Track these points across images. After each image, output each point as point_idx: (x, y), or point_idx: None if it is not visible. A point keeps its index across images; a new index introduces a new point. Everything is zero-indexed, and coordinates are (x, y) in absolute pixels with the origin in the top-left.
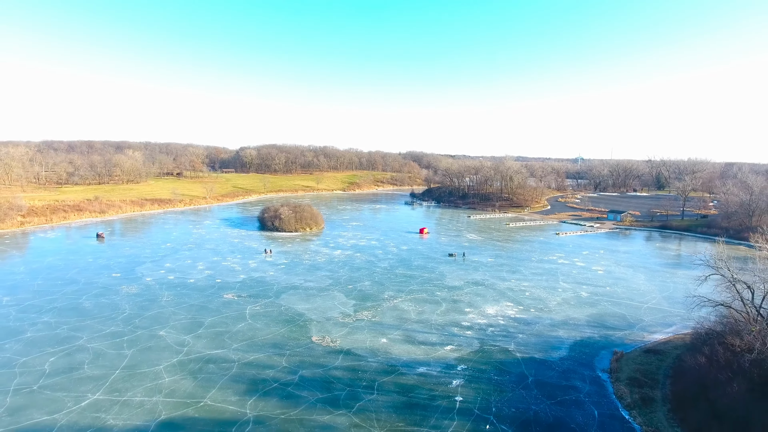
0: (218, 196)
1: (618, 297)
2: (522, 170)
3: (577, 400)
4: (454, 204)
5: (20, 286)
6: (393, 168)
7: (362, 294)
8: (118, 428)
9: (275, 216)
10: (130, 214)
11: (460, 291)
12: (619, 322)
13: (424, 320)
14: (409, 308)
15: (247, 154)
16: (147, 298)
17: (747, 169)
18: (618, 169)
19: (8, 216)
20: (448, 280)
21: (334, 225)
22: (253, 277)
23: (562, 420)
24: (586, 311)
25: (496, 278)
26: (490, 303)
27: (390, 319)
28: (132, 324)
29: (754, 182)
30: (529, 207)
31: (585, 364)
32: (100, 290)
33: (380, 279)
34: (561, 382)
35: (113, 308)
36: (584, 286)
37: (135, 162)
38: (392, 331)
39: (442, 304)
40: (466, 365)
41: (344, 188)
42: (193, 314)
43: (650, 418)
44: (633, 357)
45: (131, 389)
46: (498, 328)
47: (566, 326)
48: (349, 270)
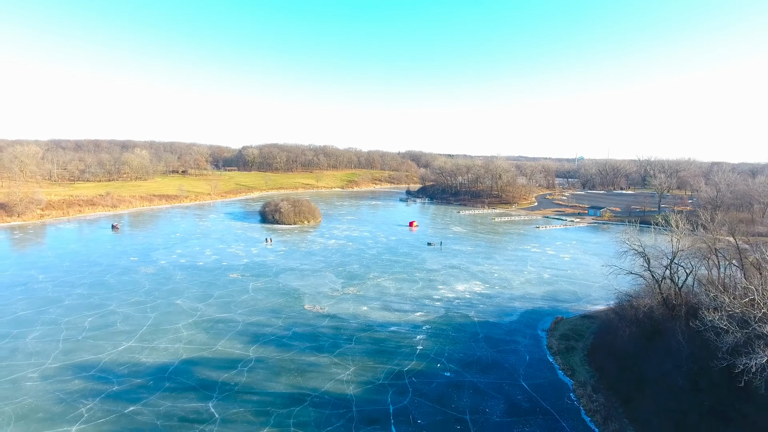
0: (222, 193)
1: (575, 278)
2: (511, 169)
3: (515, 349)
4: (447, 201)
5: (51, 267)
6: (391, 167)
7: (350, 274)
8: (149, 364)
9: (275, 210)
10: (139, 208)
11: (437, 273)
12: (570, 296)
13: (401, 294)
14: (390, 285)
15: (249, 152)
16: (163, 276)
17: (727, 168)
18: (606, 168)
19: (29, 209)
20: (428, 264)
21: (331, 219)
22: (255, 261)
23: (499, 361)
24: (544, 288)
25: (471, 263)
26: (461, 282)
27: (372, 293)
28: (152, 295)
29: (721, 180)
30: (517, 203)
31: (529, 326)
32: (122, 270)
33: (367, 263)
34: (506, 338)
35: (134, 284)
36: (548, 269)
37: (143, 160)
38: (373, 302)
39: (419, 282)
40: (430, 326)
41: (343, 186)
42: (203, 289)
43: (568, 361)
44: (570, 320)
45: (157, 339)
46: (464, 300)
47: (523, 299)
48: (340, 256)
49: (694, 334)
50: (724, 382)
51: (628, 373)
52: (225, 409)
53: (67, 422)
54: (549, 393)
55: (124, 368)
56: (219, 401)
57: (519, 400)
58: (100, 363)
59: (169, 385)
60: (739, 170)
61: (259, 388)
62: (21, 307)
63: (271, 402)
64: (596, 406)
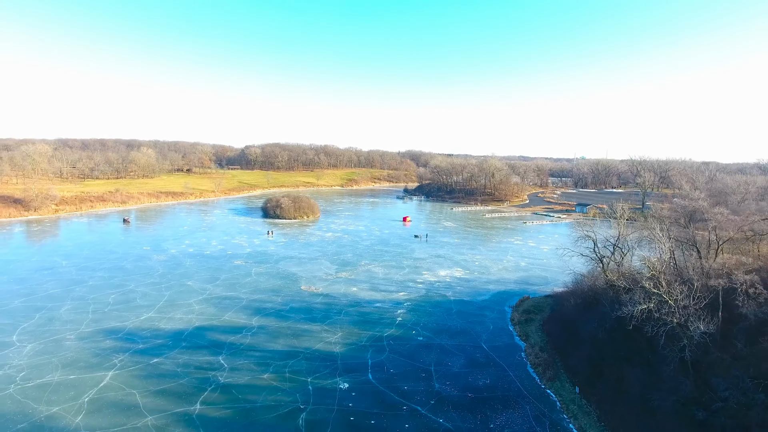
0: (225, 190)
1: (549, 266)
2: (504, 168)
3: (482, 320)
4: (442, 198)
5: (72, 254)
6: (390, 166)
7: (344, 262)
8: (168, 329)
9: (277, 205)
10: (147, 204)
11: (423, 261)
12: (540, 281)
13: (388, 278)
14: (379, 271)
15: (251, 152)
16: (174, 262)
17: (715, 167)
18: (598, 167)
19: (44, 204)
20: (416, 253)
21: (329, 215)
22: (257, 250)
23: (466, 329)
24: (518, 274)
25: (456, 253)
26: (444, 268)
27: (362, 277)
28: (166, 278)
29: (698, 178)
30: (509, 201)
31: (499, 303)
32: (136, 257)
33: (360, 252)
34: (476, 312)
35: (149, 268)
36: (526, 258)
37: (149, 159)
38: (362, 284)
39: (406, 268)
40: (411, 303)
41: (342, 184)
42: (211, 273)
43: (525, 329)
44: (535, 299)
45: (173, 311)
46: (444, 283)
47: (497, 283)
48: (336, 246)
49: (615, 299)
50: (635, 336)
51: (568, 334)
52: (232, 361)
53: (103, 369)
54: (504, 352)
55: (147, 332)
56: (227, 356)
57: (477, 357)
58: (126, 329)
59: (185, 344)
60: (728, 170)
61: (261, 347)
62: (51, 286)
63: (271, 357)
64: (540, 360)
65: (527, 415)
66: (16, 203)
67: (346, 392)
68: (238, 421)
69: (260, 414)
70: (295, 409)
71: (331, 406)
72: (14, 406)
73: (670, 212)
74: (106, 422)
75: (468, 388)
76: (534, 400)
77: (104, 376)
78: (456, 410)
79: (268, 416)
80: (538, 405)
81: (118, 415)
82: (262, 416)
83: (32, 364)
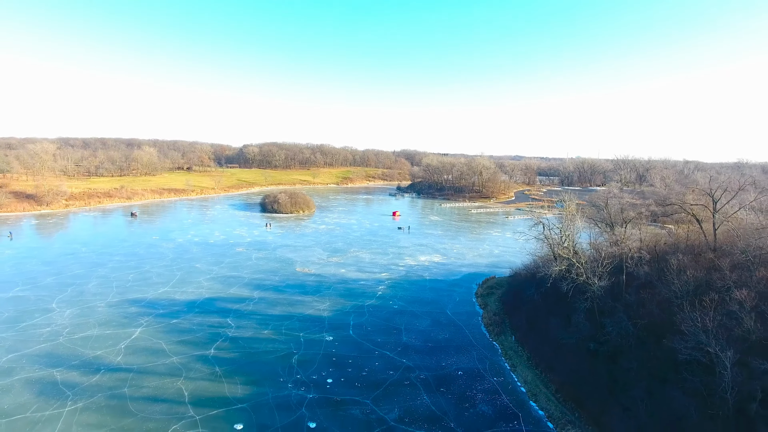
0: (225, 188)
1: (521, 252)
2: (492, 166)
3: (451, 294)
4: (432, 195)
5: (89, 242)
6: (385, 165)
7: (335, 249)
8: (182, 299)
9: (274, 201)
10: (151, 200)
11: (406, 249)
12: (509, 264)
13: (374, 262)
14: (366, 256)
15: (249, 150)
16: (182, 249)
17: (693, 166)
18: (584, 166)
19: (55, 200)
20: (401, 243)
21: (324, 210)
22: (257, 240)
23: (436, 300)
24: (491, 259)
25: (438, 242)
26: (425, 255)
27: (351, 261)
28: (176, 261)
29: (666, 175)
30: (496, 198)
31: (468, 282)
32: (147, 245)
33: (351, 242)
34: (446, 288)
35: (160, 254)
36: (501, 247)
37: (151, 157)
38: (350, 267)
39: (390, 254)
40: (391, 281)
41: (338, 182)
42: (216, 258)
43: (485, 300)
44: (500, 278)
45: (184, 287)
46: (422, 266)
47: (470, 266)
48: (329, 237)
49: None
50: (559, 296)
51: (515, 300)
52: (238, 322)
53: (133, 327)
54: (464, 317)
55: (165, 301)
56: (234, 318)
57: (441, 320)
58: (147, 299)
59: (198, 310)
60: (705, 168)
61: (261, 312)
62: (76, 268)
63: (269, 318)
64: (491, 321)
65: (473, 358)
66: (28, 198)
67: (330, 342)
68: (245, 360)
69: (262, 356)
70: (289, 353)
71: (318, 351)
72: (66, 350)
73: (590, 201)
74: (141, 361)
75: (429, 340)
76: (481, 348)
77: (134, 331)
78: (417, 354)
79: (268, 357)
80: (484, 351)
81: (149, 356)
82: (264, 357)
83: (73, 323)
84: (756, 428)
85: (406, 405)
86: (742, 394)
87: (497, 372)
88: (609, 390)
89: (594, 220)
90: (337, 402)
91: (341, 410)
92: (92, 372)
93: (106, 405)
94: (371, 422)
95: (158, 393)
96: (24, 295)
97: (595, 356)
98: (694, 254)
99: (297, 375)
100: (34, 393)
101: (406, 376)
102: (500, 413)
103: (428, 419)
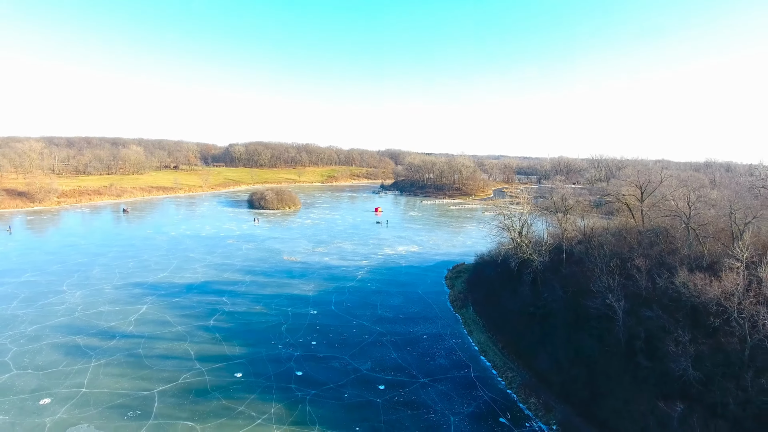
0: (212, 186)
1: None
2: (471, 165)
3: (424, 276)
4: (414, 193)
5: (87, 235)
6: (369, 164)
7: (319, 240)
8: (181, 283)
9: (261, 197)
10: (140, 197)
11: (386, 240)
12: (480, 253)
13: (355, 251)
14: (348, 246)
15: (235, 150)
16: (176, 242)
17: (661, 166)
18: (560, 164)
19: (47, 197)
20: (381, 235)
21: (310, 207)
22: (246, 233)
23: (409, 282)
24: (463, 249)
25: (415, 235)
26: (402, 245)
27: (334, 250)
28: (171, 251)
29: (630, 174)
30: (475, 195)
31: (440, 268)
32: (142, 238)
33: (334, 234)
34: (420, 273)
35: (156, 245)
36: (473, 238)
37: (139, 156)
38: (333, 255)
39: (371, 245)
40: (370, 267)
41: (323, 181)
42: (208, 248)
43: (453, 282)
44: (469, 264)
45: (182, 272)
46: (400, 255)
47: (444, 255)
48: (314, 230)
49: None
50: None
51: (478, 280)
52: (233, 300)
53: (139, 304)
54: (432, 296)
55: (165, 284)
56: (229, 297)
57: (413, 298)
58: (148, 282)
59: (196, 291)
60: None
61: (253, 293)
62: (78, 258)
63: (260, 297)
64: (456, 298)
65: (437, 326)
66: (21, 195)
67: (314, 315)
68: (241, 328)
69: (255, 326)
70: (278, 323)
71: (304, 322)
72: (82, 322)
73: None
74: (150, 329)
75: (401, 313)
76: (445, 318)
77: (141, 307)
78: (390, 323)
79: (261, 326)
80: (447, 321)
81: (157, 326)
82: (257, 327)
83: (85, 302)
84: (637, 358)
85: (377, 359)
86: (631, 335)
87: (456, 336)
88: (540, 342)
89: (540, 208)
90: (320, 358)
91: (323, 363)
92: (109, 338)
93: (126, 361)
94: (348, 371)
95: (168, 352)
96: (35, 280)
97: (533, 318)
98: (621, 235)
99: (286, 339)
100: (61, 353)
101: (379, 339)
102: (455, 364)
103: (395, 369)
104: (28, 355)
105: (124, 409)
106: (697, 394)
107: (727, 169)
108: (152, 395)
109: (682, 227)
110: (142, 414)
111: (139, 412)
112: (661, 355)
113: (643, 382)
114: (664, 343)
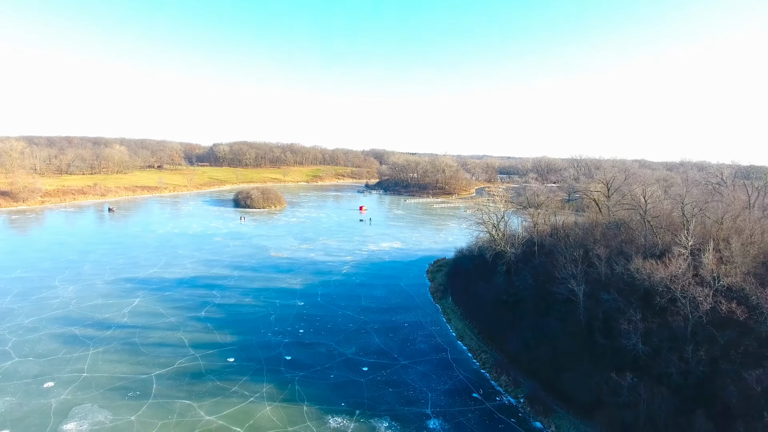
0: (197, 185)
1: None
2: (454, 165)
3: (407, 270)
4: (399, 192)
5: (75, 234)
6: (354, 164)
7: (305, 238)
8: (171, 278)
9: (247, 197)
10: (125, 197)
11: (370, 237)
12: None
13: (341, 248)
14: (334, 243)
15: (220, 149)
16: (164, 240)
17: (637, 165)
18: (541, 164)
19: (31, 196)
20: (366, 232)
21: (295, 206)
22: (233, 231)
23: (392, 276)
24: (445, 245)
25: (399, 232)
26: (386, 242)
27: (319, 247)
28: (160, 248)
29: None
30: (458, 194)
31: (422, 263)
32: (131, 237)
33: (320, 232)
34: (402, 267)
35: (144, 244)
36: (455, 235)
37: (123, 155)
38: (319, 251)
39: (355, 242)
40: (355, 261)
41: (308, 180)
42: (197, 245)
43: (434, 275)
44: (449, 259)
45: (172, 268)
46: (383, 251)
47: (426, 251)
48: (300, 228)
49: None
50: (487, 264)
51: (457, 272)
52: (223, 293)
53: (132, 297)
54: (414, 288)
55: (156, 279)
56: (219, 290)
57: (395, 289)
58: (139, 278)
59: (187, 285)
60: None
61: (242, 286)
62: (68, 254)
63: (250, 290)
64: (437, 290)
65: (418, 315)
66: (3, 195)
67: (302, 306)
68: (231, 318)
69: (245, 316)
70: (267, 314)
71: (291, 312)
72: (77, 315)
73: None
74: (144, 320)
75: (384, 303)
76: (426, 308)
77: (134, 300)
78: (373, 313)
79: (251, 317)
80: (427, 310)
81: (151, 318)
82: (247, 317)
83: (79, 296)
84: (595, 337)
85: (361, 345)
86: (591, 316)
87: (435, 324)
88: (511, 326)
89: (515, 204)
90: (308, 344)
91: (310, 349)
92: (105, 328)
93: (122, 349)
94: (334, 355)
95: (163, 340)
96: (27, 276)
97: (506, 305)
98: (588, 228)
99: (275, 327)
100: (60, 342)
101: (363, 327)
102: (433, 348)
103: (377, 353)
104: (28, 344)
105: (125, 390)
106: (646, 366)
107: (700, 168)
108: (150, 378)
109: (638, 219)
110: (141, 394)
111: (138, 393)
112: (616, 334)
113: (600, 357)
114: (618, 323)
